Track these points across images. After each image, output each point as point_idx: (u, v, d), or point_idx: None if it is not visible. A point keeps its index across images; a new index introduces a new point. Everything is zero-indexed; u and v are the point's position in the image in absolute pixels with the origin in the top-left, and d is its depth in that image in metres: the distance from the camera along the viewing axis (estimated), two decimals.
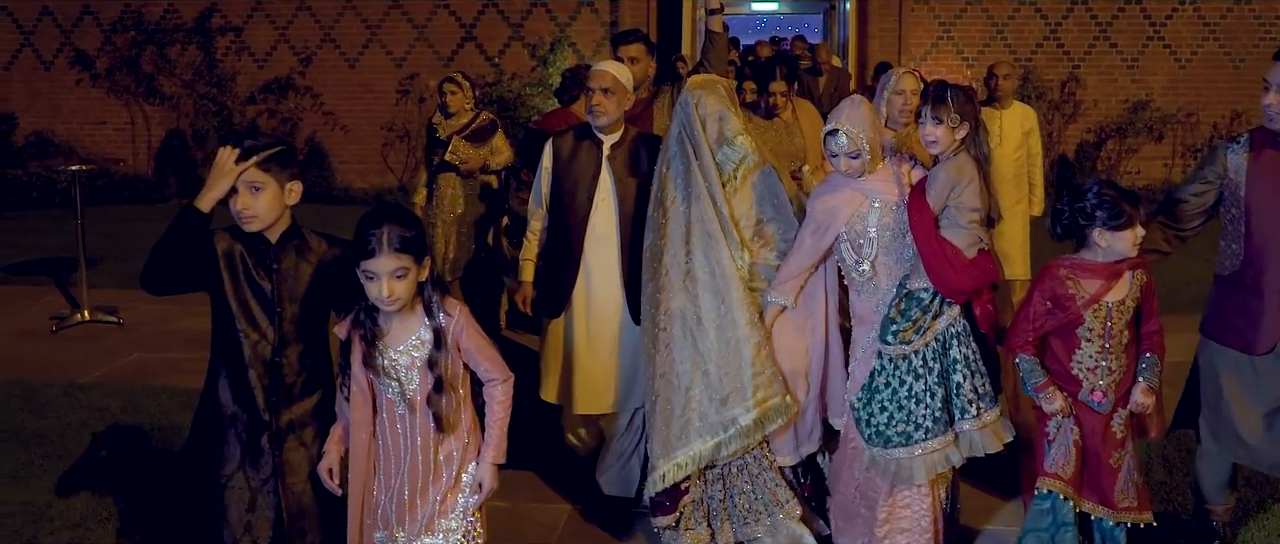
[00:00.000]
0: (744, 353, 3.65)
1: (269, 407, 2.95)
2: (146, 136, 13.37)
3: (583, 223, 4.08)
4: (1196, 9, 12.13)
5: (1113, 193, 3.29)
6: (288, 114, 13.02)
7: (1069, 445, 3.40)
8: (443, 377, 2.86)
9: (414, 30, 12.84)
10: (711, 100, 3.79)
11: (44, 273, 8.73)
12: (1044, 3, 12.17)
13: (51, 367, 6.17)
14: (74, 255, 9.09)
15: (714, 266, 3.69)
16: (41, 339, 6.81)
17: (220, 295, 2.93)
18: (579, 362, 4.15)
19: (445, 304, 2.89)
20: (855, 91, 9.27)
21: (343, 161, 13.05)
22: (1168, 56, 12.23)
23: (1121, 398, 3.41)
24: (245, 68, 13.04)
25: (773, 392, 3.66)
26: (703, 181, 3.73)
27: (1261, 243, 3.40)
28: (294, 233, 2.98)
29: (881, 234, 3.55)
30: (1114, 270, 3.34)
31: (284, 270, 2.95)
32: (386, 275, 2.74)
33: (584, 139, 4.15)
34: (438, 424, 2.88)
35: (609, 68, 4.12)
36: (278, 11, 12.94)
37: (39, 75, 13.41)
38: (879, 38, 12.19)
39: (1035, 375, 3.43)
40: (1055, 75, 12.18)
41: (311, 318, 2.99)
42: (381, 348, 2.84)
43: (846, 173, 3.55)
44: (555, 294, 4.17)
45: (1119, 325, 3.37)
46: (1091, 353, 3.38)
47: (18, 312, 7.53)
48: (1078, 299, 3.35)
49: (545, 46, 12.60)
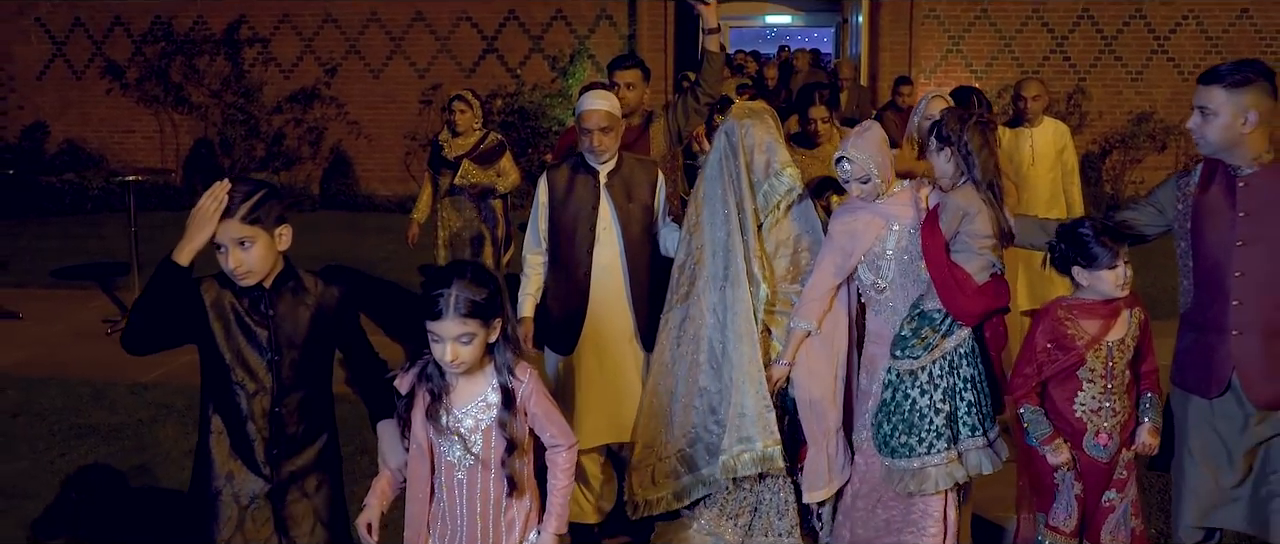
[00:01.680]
0: (763, 387, 3.67)
1: (269, 460, 2.81)
2: (175, 145, 13.70)
3: (588, 255, 4.00)
4: (1200, 23, 12.40)
5: (1091, 233, 3.26)
6: (313, 123, 13.36)
7: (1072, 499, 3.39)
8: (514, 438, 2.73)
9: (437, 42, 13.17)
10: (759, 131, 3.77)
11: (88, 277, 9.04)
12: (1051, 16, 12.46)
13: (112, 367, 6.47)
14: (115, 260, 9.50)
15: (733, 304, 3.70)
16: (97, 341, 7.12)
17: (211, 348, 2.78)
18: (594, 394, 4.07)
19: (516, 368, 2.75)
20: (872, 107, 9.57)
21: (366, 170, 13.38)
22: (1171, 69, 12.51)
23: (1125, 440, 3.38)
24: (272, 78, 13.37)
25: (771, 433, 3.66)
26: (736, 214, 3.72)
27: (1206, 279, 3.21)
28: (288, 275, 2.85)
29: (898, 256, 3.60)
30: (1113, 309, 3.30)
31: (280, 316, 2.81)
32: (452, 340, 2.60)
33: (579, 170, 4.06)
34: (510, 487, 2.74)
35: (601, 106, 4.00)
36: (304, 23, 13.28)
37: (70, 85, 13.75)
38: (890, 51, 12.47)
39: (1040, 426, 3.37)
40: (1061, 87, 12.47)
41: (311, 363, 2.87)
42: (446, 405, 2.71)
43: (860, 197, 3.61)
44: (565, 331, 4.08)
45: (1120, 365, 3.33)
46: (1094, 394, 3.33)
47: (70, 314, 7.85)
48: (1078, 340, 3.30)
49: (565, 58, 12.95)
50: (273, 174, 13.33)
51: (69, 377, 6.23)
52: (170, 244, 2.68)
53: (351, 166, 13.32)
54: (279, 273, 2.81)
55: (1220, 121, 3.08)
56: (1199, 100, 3.13)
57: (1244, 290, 3.11)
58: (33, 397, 5.83)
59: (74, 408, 5.67)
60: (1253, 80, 3.06)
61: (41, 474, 4.79)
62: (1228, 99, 3.06)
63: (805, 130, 5.22)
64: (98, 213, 12.79)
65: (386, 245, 10.18)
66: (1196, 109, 3.14)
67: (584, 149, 4.02)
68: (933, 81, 12.51)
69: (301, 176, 13.36)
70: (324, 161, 13.41)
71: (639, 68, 4.83)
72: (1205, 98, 3.11)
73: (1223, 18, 12.38)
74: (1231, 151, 3.12)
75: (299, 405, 2.83)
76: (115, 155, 13.66)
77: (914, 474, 3.53)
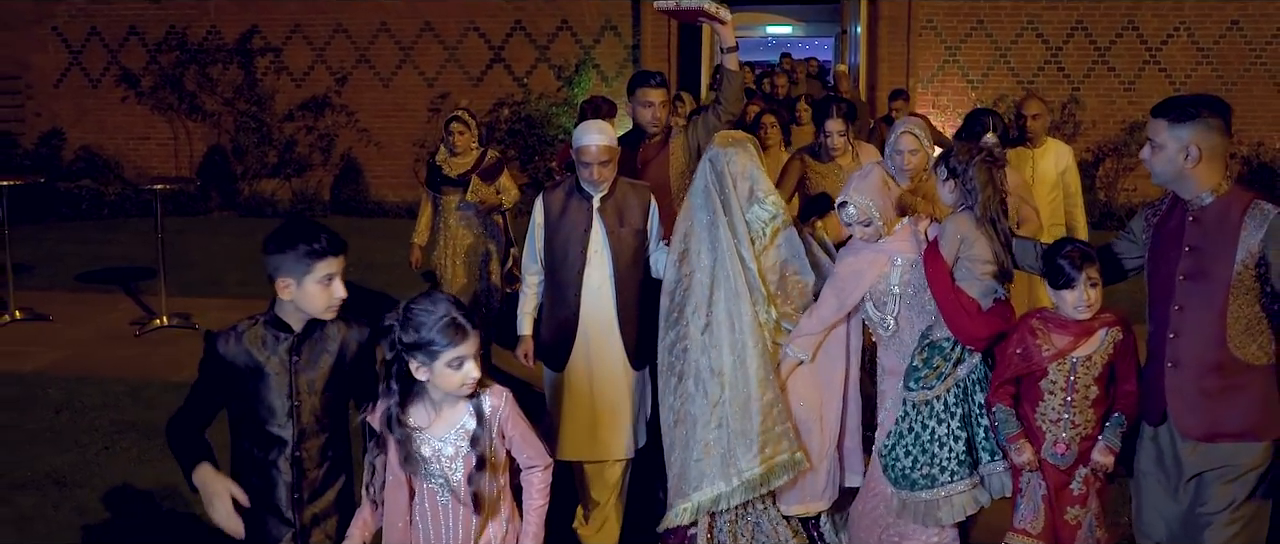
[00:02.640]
0: (753, 409, 3.71)
1: (293, 503, 2.86)
2: (189, 151, 13.99)
3: (578, 277, 4.10)
4: (1191, 34, 12.66)
5: (1056, 254, 3.34)
6: (324, 131, 13.65)
7: (1038, 501, 3.45)
8: (484, 455, 2.78)
9: (445, 51, 13.47)
10: (742, 159, 3.85)
11: (112, 281, 9.32)
12: (1045, 28, 12.74)
13: (143, 367, 6.76)
14: (136, 265, 9.79)
15: (734, 321, 3.75)
16: (127, 342, 7.41)
17: (235, 398, 2.87)
18: (583, 411, 4.16)
19: (490, 390, 2.83)
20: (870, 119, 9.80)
21: (376, 176, 13.67)
22: (1163, 79, 12.75)
23: (1084, 455, 3.41)
24: (284, 86, 13.67)
25: (781, 448, 3.73)
26: (731, 238, 3.78)
27: (1155, 310, 3.23)
28: (315, 322, 2.89)
29: (903, 290, 3.67)
30: (1086, 327, 3.34)
31: (303, 363, 2.87)
32: (473, 355, 2.70)
33: (574, 194, 4.16)
34: (476, 505, 2.79)
35: (597, 139, 4.07)
36: (315, 33, 13.58)
37: (86, 93, 14.05)
38: (888, 61, 12.73)
39: (1009, 425, 3.45)
40: (1056, 97, 12.72)
41: (331, 406, 2.90)
42: (426, 438, 2.77)
43: (863, 240, 3.71)
44: (557, 348, 4.19)
45: (1084, 381, 3.36)
46: (1054, 406, 3.39)
47: (97, 317, 8.12)
48: (1044, 351, 3.36)
49: (570, 68, 13.25)
50: (284, 181, 13.65)
51: (104, 376, 6.51)
52: (186, 250, 2.88)
53: (361, 173, 13.61)
54: (307, 319, 2.88)
55: (1165, 155, 3.08)
56: (1149, 132, 3.14)
57: (1181, 324, 3.12)
58: (73, 395, 6.10)
59: (112, 405, 5.96)
60: (1197, 115, 3.03)
61: (90, 466, 5.07)
62: (1171, 133, 3.05)
63: (822, 143, 5.28)
64: (114, 218, 13.08)
65: (397, 251, 10.37)
66: (1147, 140, 3.16)
67: (583, 179, 4.12)
68: (930, 91, 12.82)
69: (312, 183, 13.66)
70: (334, 168, 13.70)
71: (664, 86, 4.88)
72: (1153, 130, 3.12)
73: (1214, 29, 12.65)
74: (1178, 184, 3.13)
75: (320, 450, 2.89)
76: (130, 162, 13.95)
77: (940, 503, 3.59)
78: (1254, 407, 3.06)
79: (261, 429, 2.84)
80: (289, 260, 2.78)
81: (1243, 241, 3.00)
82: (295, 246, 2.78)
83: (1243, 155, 12.69)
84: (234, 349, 2.83)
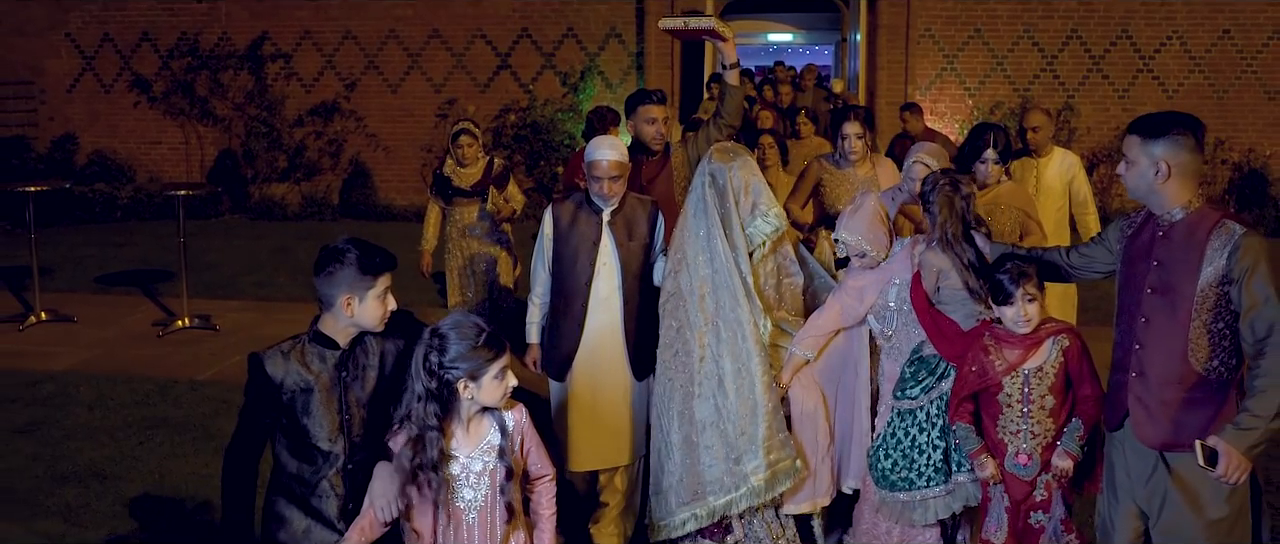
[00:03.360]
0: (759, 414, 3.81)
1: (344, 515, 2.92)
2: (200, 155, 14.23)
3: (586, 288, 4.17)
4: (1183, 43, 12.91)
5: (995, 270, 3.44)
6: (333, 136, 13.90)
7: (1001, 512, 3.57)
8: (510, 467, 2.90)
9: (453, 58, 13.72)
10: (744, 173, 3.94)
11: (130, 283, 9.56)
12: (1041, 37, 12.99)
13: (169, 366, 7.00)
14: (154, 267, 10.04)
15: (736, 330, 3.85)
16: (150, 343, 7.64)
17: (285, 416, 2.91)
18: (586, 420, 4.24)
19: (510, 407, 2.96)
20: None
21: (384, 181, 13.92)
22: (1156, 87, 13.02)
23: (1047, 463, 3.49)
24: (294, 92, 13.92)
25: (784, 454, 3.85)
26: (729, 250, 3.87)
27: (1122, 320, 3.30)
28: (358, 338, 2.98)
29: (899, 307, 3.87)
30: (1034, 339, 3.43)
31: (351, 378, 2.94)
32: (508, 367, 2.84)
33: (583, 207, 4.24)
34: (509, 512, 2.91)
35: (610, 155, 4.15)
36: (325, 40, 13.83)
37: (99, 98, 14.30)
38: (887, 69, 12.97)
39: (970, 442, 3.56)
40: (1051, 104, 12.94)
41: (377, 418, 2.97)
42: (457, 457, 2.87)
43: (862, 268, 3.92)
44: (562, 358, 4.25)
45: (1038, 392, 3.45)
46: (1012, 418, 3.48)
47: (120, 318, 8.35)
48: (996, 366, 3.45)
49: (575, 74, 13.50)
50: (294, 185, 13.89)
51: (132, 375, 6.74)
52: (200, 253, 3.03)
53: (370, 177, 13.86)
54: (355, 335, 2.97)
55: (1136, 170, 3.14)
56: (1123, 148, 3.21)
57: (1146, 336, 3.18)
58: (104, 393, 6.34)
59: (142, 402, 6.20)
60: (1168, 133, 3.08)
61: (126, 459, 5.31)
62: (1142, 149, 3.11)
63: (840, 147, 5.36)
64: (127, 221, 13.32)
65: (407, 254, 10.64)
66: (1122, 156, 3.22)
67: (594, 193, 4.19)
68: (928, 98, 13.06)
69: (321, 187, 13.90)
70: (343, 172, 13.95)
71: (664, 103, 5.03)
72: (1127, 146, 3.18)
73: (1206, 38, 12.90)
74: (1149, 200, 3.19)
75: (369, 462, 2.91)
76: (143, 166, 14.20)
77: (914, 505, 3.77)
78: (1212, 420, 3.09)
79: (311, 446, 2.90)
80: (351, 277, 2.87)
81: (1208, 259, 3.05)
82: (357, 263, 2.87)
83: (1233, 162, 12.96)
84: (282, 368, 2.88)
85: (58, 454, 5.37)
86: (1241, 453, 2.97)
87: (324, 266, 2.90)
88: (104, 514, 4.69)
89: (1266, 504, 3.30)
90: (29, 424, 5.79)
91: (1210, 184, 13.02)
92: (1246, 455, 2.98)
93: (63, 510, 4.71)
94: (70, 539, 4.45)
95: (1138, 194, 3.19)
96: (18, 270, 9.95)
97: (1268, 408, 2.95)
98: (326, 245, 2.94)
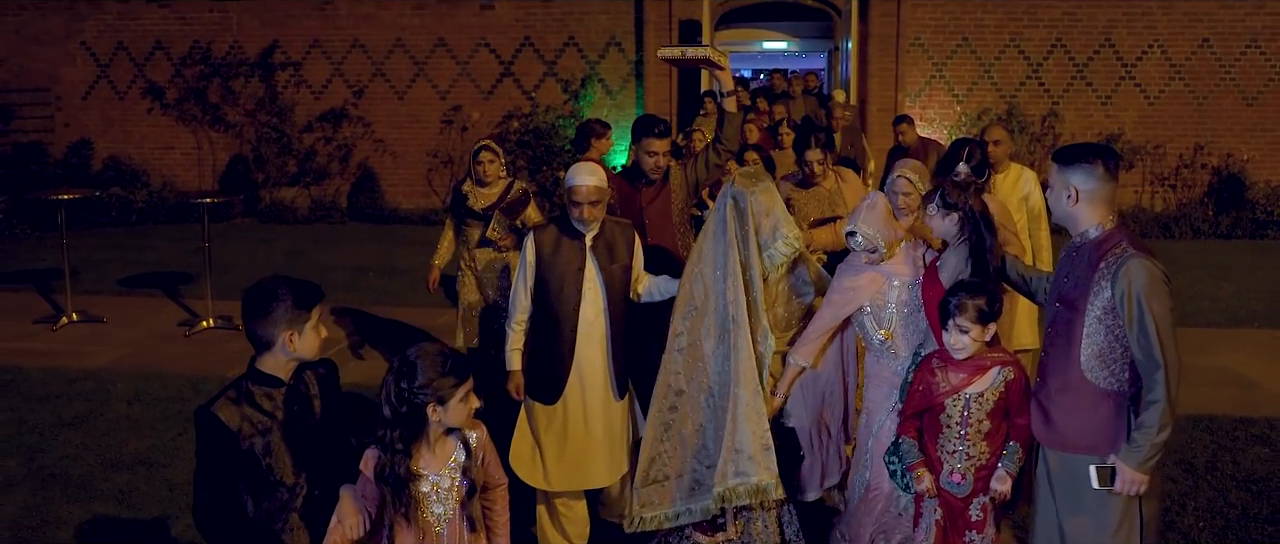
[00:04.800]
0: (742, 432, 3.93)
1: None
2: (212, 160, 14.66)
3: (573, 313, 4.26)
4: (1165, 51, 13.36)
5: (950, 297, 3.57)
6: (342, 141, 14.34)
7: (932, 523, 3.72)
8: (474, 481, 3.07)
9: (457, 66, 14.15)
10: (765, 199, 4.05)
11: (152, 285, 9.99)
12: (1027, 45, 13.44)
13: (199, 363, 7.41)
14: (173, 269, 10.45)
15: (729, 349, 3.97)
16: (178, 342, 8.06)
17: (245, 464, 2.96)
18: (574, 442, 4.33)
19: (473, 425, 3.11)
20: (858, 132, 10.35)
21: (391, 184, 14.35)
22: (1138, 94, 13.47)
23: (982, 484, 3.63)
24: (303, 99, 14.37)
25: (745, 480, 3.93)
26: (741, 270, 3.99)
27: (1045, 331, 3.54)
28: (298, 371, 3.07)
29: (899, 308, 3.97)
30: (978, 365, 3.57)
31: (301, 410, 3.05)
32: (471, 392, 2.97)
33: (565, 233, 4.31)
34: (471, 525, 3.07)
35: (590, 181, 4.23)
36: (334, 48, 14.26)
37: (113, 104, 14.73)
38: (878, 76, 13.41)
39: (911, 455, 3.70)
40: (1037, 111, 13.45)
41: (329, 442, 3.08)
42: (425, 475, 2.99)
43: (868, 263, 4.01)
44: (551, 382, 4.32)
45: (977, 416, 3.58)
46: (951, 438, 3.62)
47: (146, 319, 8.77)
48: (941, 387, 3.59)
49: (576, 82, 13.95)
50: (303, 188, 14.32)
51: (165, 371, 7.16)
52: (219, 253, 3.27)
53: (377, 181, 14.29)
54: (294, 368, 3.06)
55: (1052, 194, 3.40)
56: (1048, 175, 3.43)
57: (1049, 344, 3.43)
58: (141, 388, 6.76)
59: (178, 397, 6.62)
60: (1080, 160, 3.30)
61: (169, 449, 5.73)
62: (1058, 175, 3.36)
63: (803, 172, 5.80)
64: (142, 224, 13.74)
65: (416, 256, 11.08)
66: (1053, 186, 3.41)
67: (573, 218, 4.27)
68: (918, 104, 13.50)
69: (330, 191, 14.33)
70: (352, 177, 14.38)
71: (667, 136, 5.12)
72: (1050, 173, 3.41)
73: (1186, 47, 13.35)
74: (1066, 221, 3.41)
75: (329, 488, 3.03)
76: (156, 171, 14.62)
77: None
78: (1098, 426, 3.29)
79: (275, 483, 2.98)
80: (288, 313, 2.97)
81: (1098, 278, 3.23)
82: (292, 299, 2.98)
83: (1213, 166, 13.41)
84: (237, 415, 2.94)
85: (105, 444, 5.79)
86: (1134, 469, 3.17)
87: (261, 307, 2.98)
88: (154, 498, 5.11)
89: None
90: (75, 418, 6.22)
91: (1190, 188, 13.48)
92: (1140, 470, 3.17)
93: (116, 494, 5.14)
94: (125, 519, 4.88)
95: (1057, 216, 3.44)
96: (43, 273, 10.40)
97: (1153, 422, 3.13)
98: (255, 287, 3.03)
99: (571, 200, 4.24)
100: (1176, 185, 13.56)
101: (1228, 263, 11.06)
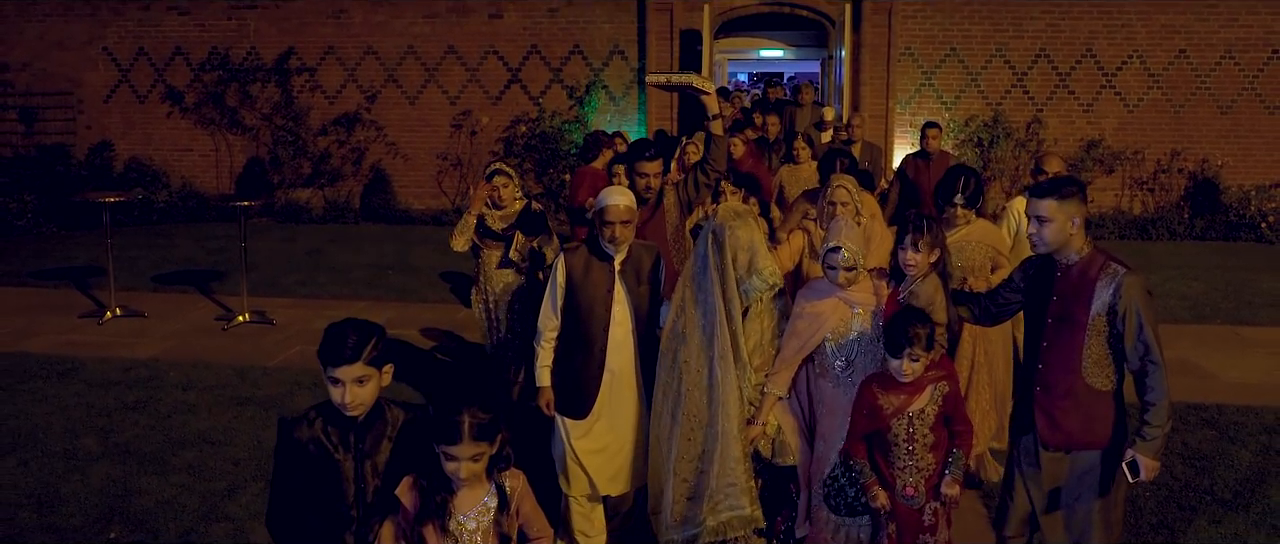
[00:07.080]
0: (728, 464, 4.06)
1: None
2: (229, 162, 15.21)
3: (604, 332, 4.42)
4: (1144, 61, 13.95)
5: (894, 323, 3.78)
6: (355, 144, 14.91)
7: (884, 537, 3.95)
8: (506, 534, 3.07)
9: (467, 72, 14.72)
10: (743, 233, 4.14)
11: (184, 282, 10.56)
12: (1012, 55, 14.03)
13: (240, 354, 7.97)
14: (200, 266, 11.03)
15: (713, 382, 4.09)
16: (217, 335, 8.62)
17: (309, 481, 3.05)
18: (606, 453, 4.51)
19: (509, 475, 3.10)
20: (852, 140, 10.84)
21: (403, 186, 14.92)
22: (1118, 102, 14.06)
23: (931, 491, 3.88)
24: (318, 103, 14.92)
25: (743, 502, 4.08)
26: (722, 306, 4.09)
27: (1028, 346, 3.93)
28: (378, 410, 3.09)
29: (861, 336, 4.05)
30: (917, 385, 3.81)
31: (367, 448, 3.07)
32: (466, 459, 2.92)
33: (595, 255, 4.46)
34: None
35: (621, 202, 4.38)
36: (347, 55, 14.83)
37: (134, 108, 15.27)
38: (870, 84, 13.96)
39: (863, 475, 3.91)
40: (1021, 117, 14.05)
41: (392, 485, 3.06)
42: (452, 513, 3.01)
43: (841, 283, 4.03)
44: (581, 398, 4.48)
45: (921, 431, 3.83)
46: (900, 455, 3.85)
47: (183, 313, 9.34)
48: (885, 409, 3.81)
49: (581, 88, 14.53)
50: (318, 190, 14.88)
51: (211, 361, 7.73)
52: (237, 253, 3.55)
53: (390, 183, 14.86)
54: (372, 407, 3.07)
55: (1054, 226, 3.70)
56: (1034, 211, 3.71)
57: (1049, 357, 3.80)
58: (191, 377, 7.33)
59: (227, 385, 7.19)
60: (1075, 192, 3.71)
61: (227, 429, 6.31)
62: (1059, 208, 3.69)
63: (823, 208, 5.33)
64: (163, 223, 14.29)
65: (431, 255, 11.69)
66: (1033, 219, 3.73)
67: (604, 238, 4.42)
68: (908, 112, 14.10)
69: (344, 192, 14.90)
70: (364, 179, 14.95)
71: (658, 158, 5.30)
72: (1041, 209, 3.70)
73: (1164, 57, 13.94)
74: (1063, 250, 3.76)
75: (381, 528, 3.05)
76: (176, 172, 15.17)
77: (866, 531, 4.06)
78: (1097, 422, 3.77)
79: (331, 506, 3.08)
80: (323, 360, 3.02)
81: (1097, 295, 3.66)
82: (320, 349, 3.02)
83: (1189, 171, 14.03)
84: (306, 434, 3.06)
85: (169, 425, 6.36)
86: (1151, 458, 3.64)
87: (336, 353, 3.01)
88: (221, 471, 5.68)
89: None
90: (136, 402, 6.78)
91: (1167, 192, 14.10)
92: (1155, 458, 3.64)
93: (186, 468, 5.71)
94: (199, 488, 5.45)
95: (1051, 246, 3.74)
96: (80, 270, 10.96)
97: (1160, 417, 3.62)
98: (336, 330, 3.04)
99: (603, 220, 4.38)
100: (1154, 189, 14.17)
101: (1199, 263, 11.69)
